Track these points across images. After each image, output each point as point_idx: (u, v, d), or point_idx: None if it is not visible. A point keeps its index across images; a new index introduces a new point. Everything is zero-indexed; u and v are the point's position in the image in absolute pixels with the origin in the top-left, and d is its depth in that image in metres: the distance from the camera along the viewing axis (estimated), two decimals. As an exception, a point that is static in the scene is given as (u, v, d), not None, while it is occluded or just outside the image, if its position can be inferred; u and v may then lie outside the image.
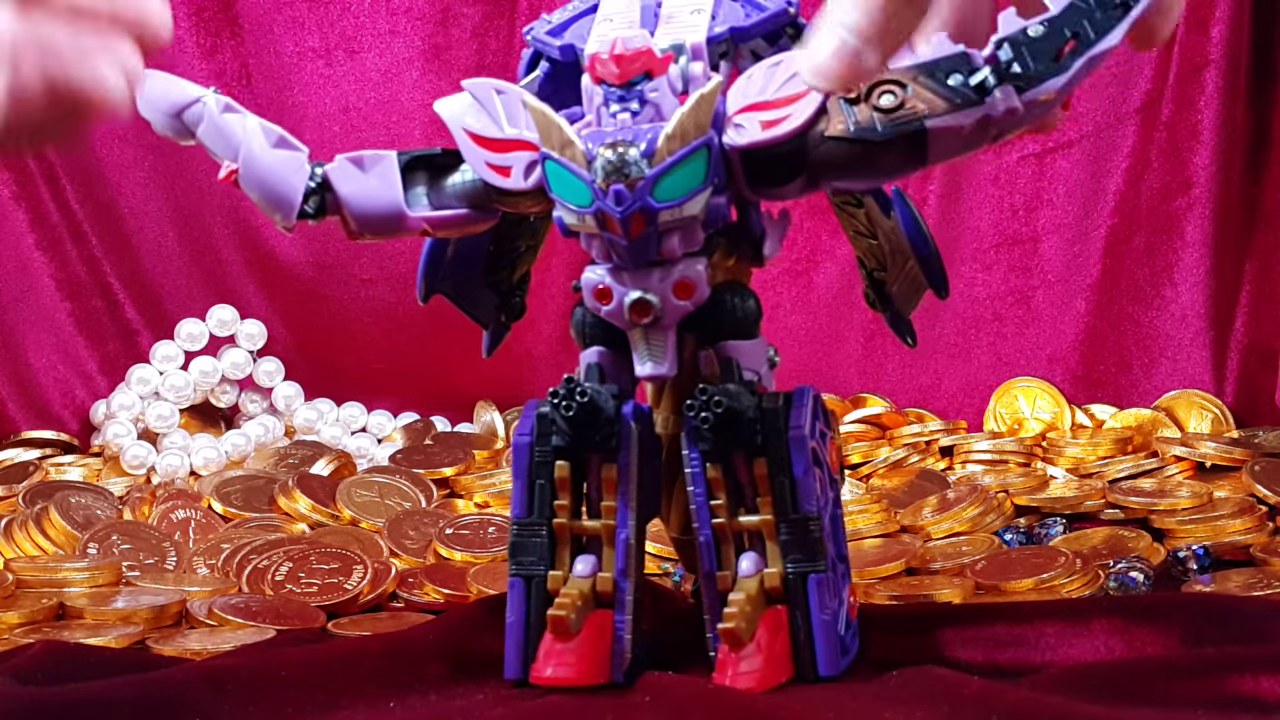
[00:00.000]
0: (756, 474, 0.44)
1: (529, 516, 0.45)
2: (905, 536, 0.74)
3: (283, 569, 0.67)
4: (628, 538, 0.45)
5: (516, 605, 0.45)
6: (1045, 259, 1.04)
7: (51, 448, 1.02)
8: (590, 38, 0.46)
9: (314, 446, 0.97)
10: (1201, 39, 0.97)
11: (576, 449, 0.45)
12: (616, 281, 0.44)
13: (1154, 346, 1.00)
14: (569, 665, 0.43)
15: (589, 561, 0.45)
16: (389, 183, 0.46)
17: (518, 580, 0.45)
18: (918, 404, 1.04)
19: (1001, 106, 0.40)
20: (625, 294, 0.44)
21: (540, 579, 0.45)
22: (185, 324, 1.02)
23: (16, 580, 0.66)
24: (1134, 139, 1.01)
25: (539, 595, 0.45)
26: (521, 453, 0.45)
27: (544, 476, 0.45)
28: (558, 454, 0.45)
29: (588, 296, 0.45)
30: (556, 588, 0.44)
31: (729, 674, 0.43)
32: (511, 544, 0.45)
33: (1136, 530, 0.72)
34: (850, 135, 0.41)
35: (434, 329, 1.04)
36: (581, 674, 0.43)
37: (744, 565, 0.44)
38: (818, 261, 1.10)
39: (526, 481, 0.45)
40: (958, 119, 0.40)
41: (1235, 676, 0.41)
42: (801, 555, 0.44)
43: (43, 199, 1.07)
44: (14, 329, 1.06)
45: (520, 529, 0.45)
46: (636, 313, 0.44)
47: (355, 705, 0.44)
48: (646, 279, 0.44)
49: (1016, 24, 0.40)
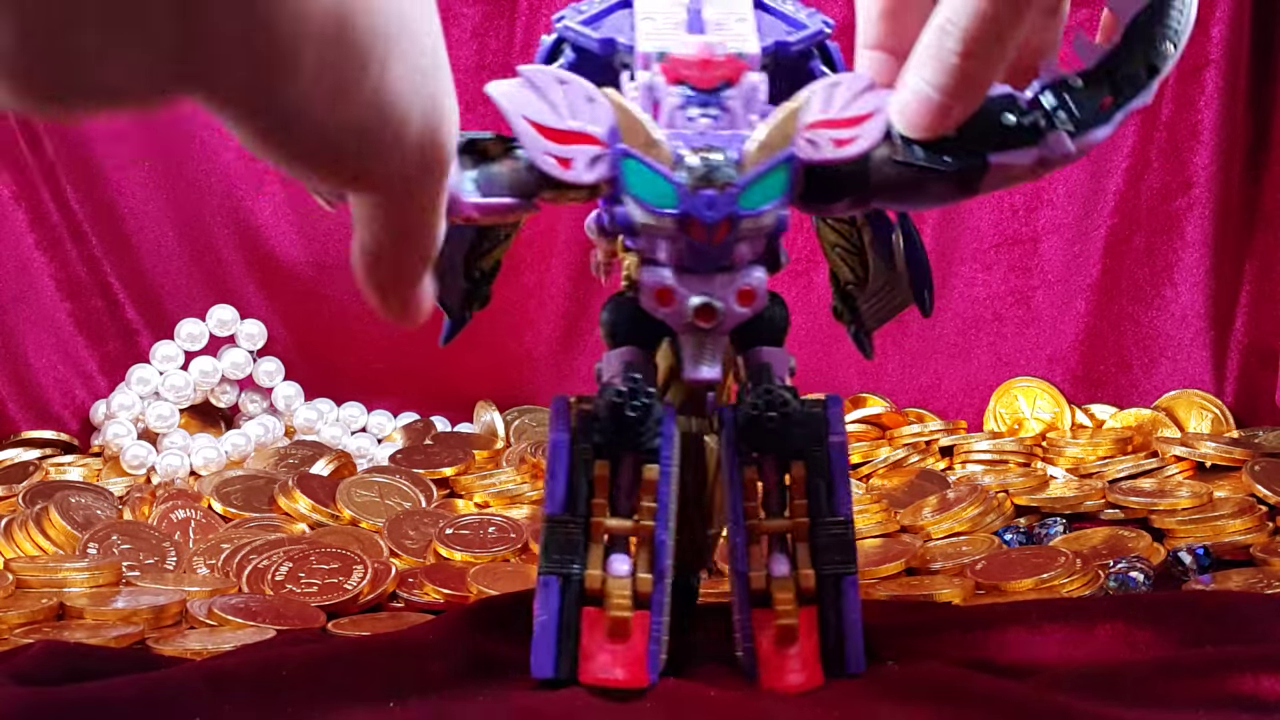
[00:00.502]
0: (794, 476, 0.45)
1: (565, 514, 0.44)
2: (905, 536, 0.74)
3: (283, 569, 0.67)
4: (666, 539, 0.45)
5: (550, 603, 0.44)
6: (1045, 259, 1.05)
7: (51, 448, 1.02)
8: (641, 36, 0.45)
9: (314, 446, 0.97)
10: (1201, 39, 0.97)
11: (617, 448, 0.44)
12: (681, 284, 0.44)
13: (1154, 346, 1.00)
14: (626, 667, 0.43)
15: (626, 561, 0.44)
16: None
17: (553, 578, 0.44)
18: (918, 404, 1.04)
19: (1059, 149, 0.42)
20: (690, 298, 0.44)
21: (576, 577, 0.44)
22: (185, 324, 1.02)
23: (16, 580, 0.66)
24: (1134, 139, 1.01)
25: (574, 593, 0.44)
26: (561, 449, 0.44)
27: (584, 474, 0.44)
28: (597, 452, 0.44)
29: (646, 297, 0.44)
30: (595, 587, 0.44)
31: (783, 673, 0.44)
32: (546, 541, 0.44)
33: (1136, 530, 0.72)
34: (918, 162, 0.43)
35: (434, 329, 1.04)
36: (637, 676, 0.43)
37: (778, 567, 0.45)
38: (818, 261, 1.10)
39: (566, 478, 0.44)
40: (1017, 157, 0.42)
41: (1235, 676, 0.41)
42: (838, 557, 0.45)
43: (43, 199, 1.07)
44: (14, 329, 1.06)
45: (555, 526, 0.44)
46: (703, 317, 0.44)
47: (355, 705, 0.44)
48: (710, 284, 0.44)
49: (1055, 73, 0.43)
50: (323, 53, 0.26)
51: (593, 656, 0.43)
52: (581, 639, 0.44)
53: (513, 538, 0.73)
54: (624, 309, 0.47)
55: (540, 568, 0.44)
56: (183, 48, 0.24)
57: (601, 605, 0.44)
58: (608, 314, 0.47)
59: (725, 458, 0.46)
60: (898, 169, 0.43)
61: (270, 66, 0.25)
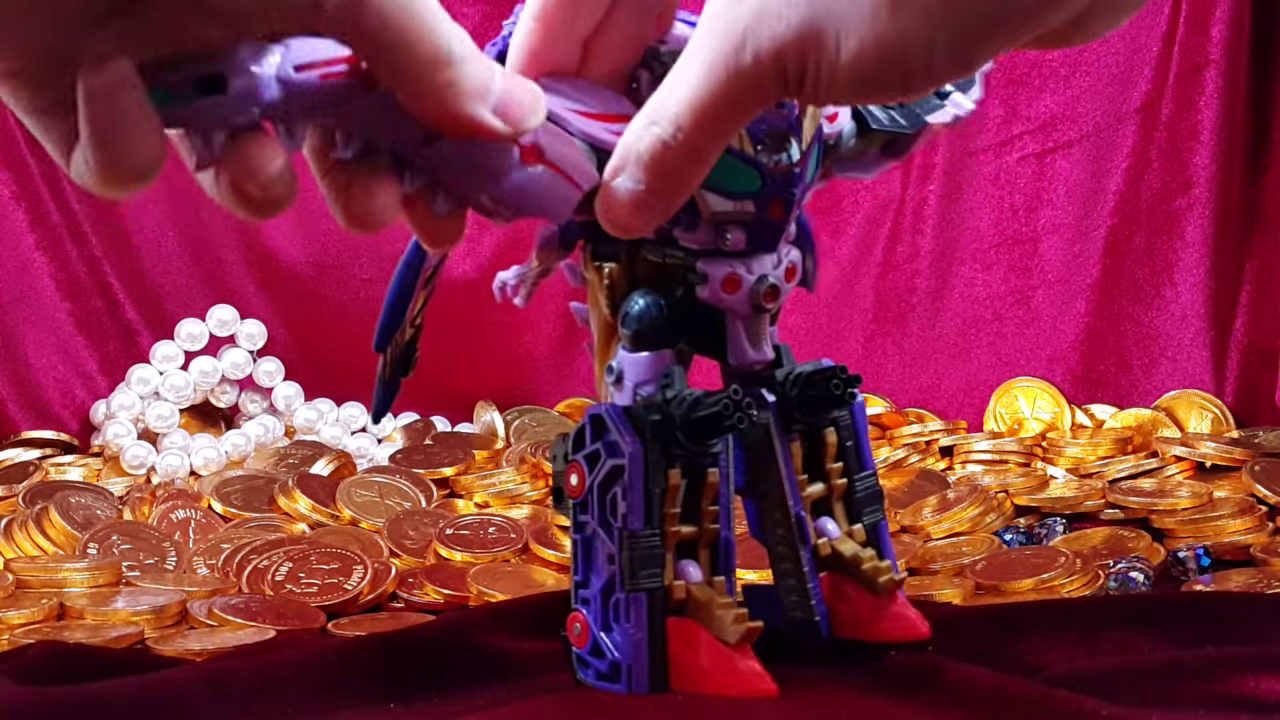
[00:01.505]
0: (828, 443, 0.47)
1: (647, 528, 0.43)
2: (905, 536, 0.74)
3: (283, 569, 0.67)
4: (731, 538, 0.45)
5: (643, 621, 0.43)
6: (1045, 259, 1.05)
7: (51, 448, 1.02)
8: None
9: (314, 446, 0.97)
10: (1201, 39, 0.97)
11: (690, 456, 0.44)
12: (744, 268, 0.44)
13: (1154, 346, 1.00)
14: (760, 674, 0.43)
15: (696, 566, 0.44)
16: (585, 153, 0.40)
17: (642, 596, 0.43)
18: (918, 404, 1.04)
19: (963, 108, 0.47)
20: (753, 280, 0.44)
21: (662, 590, 0.44)
22: (185, 324, 1.02)
23: (16, 580, 0.66)
24: (1134, 139, 1.01)
25: (660, 607, 0.44)
26: (636, 463, 0.43)
27: (659, 485, 0.43)
28: (668, 462, 0.44)
29: (714, 288, 0.44)
30: (683, 597, 0.44)
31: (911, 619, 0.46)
32: (632, 558, 0.43)
33: (1136, 530, 0.72)
34: (884, 127, 0.45)
35: (434, 329, 1.04)
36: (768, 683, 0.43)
37: (831, 528, 0.47)
38: (818, 261, 1.10)
39: (645, 492, 0.43)
40: (939, 116, 0.46)
41: (1235, 676, 0.41)
42: (874, 506, 0.49)
43: (43, 199, 1.07)
44: (14, 329, 1.06)
45: (638, 541, 0.43)
46: (769, 297, 0.45)
47: (355, 705, 0.44)
48: (765, 264, 0.45)
49: None
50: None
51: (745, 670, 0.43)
52: (677, 651, 0.43)
53: (513, 538, 0.73)
54: (658, 309, 0.45)
55: (627, 585, 0.43)
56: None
57: (684, 614, 0.44)
58: (641, 312, 0.45)
59: (776, 437, 0.46)
60: (861, 142, 0.46)
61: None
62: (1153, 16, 1.00)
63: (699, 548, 0.45)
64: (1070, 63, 1.04)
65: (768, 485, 0.47)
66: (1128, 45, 1.01)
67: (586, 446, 0.44)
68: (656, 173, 0.33)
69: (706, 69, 0.32)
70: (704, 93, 0.32)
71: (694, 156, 0.33)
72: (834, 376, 0.46)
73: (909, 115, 0.46)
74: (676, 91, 0.32)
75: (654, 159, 0.33)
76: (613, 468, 0.43)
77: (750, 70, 0.31)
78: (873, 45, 0.30)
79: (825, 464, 0.48)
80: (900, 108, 0.46)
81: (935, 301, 1.07)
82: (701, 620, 0.43)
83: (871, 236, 1.09)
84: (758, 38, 0.31)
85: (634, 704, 0.42)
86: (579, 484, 0.45)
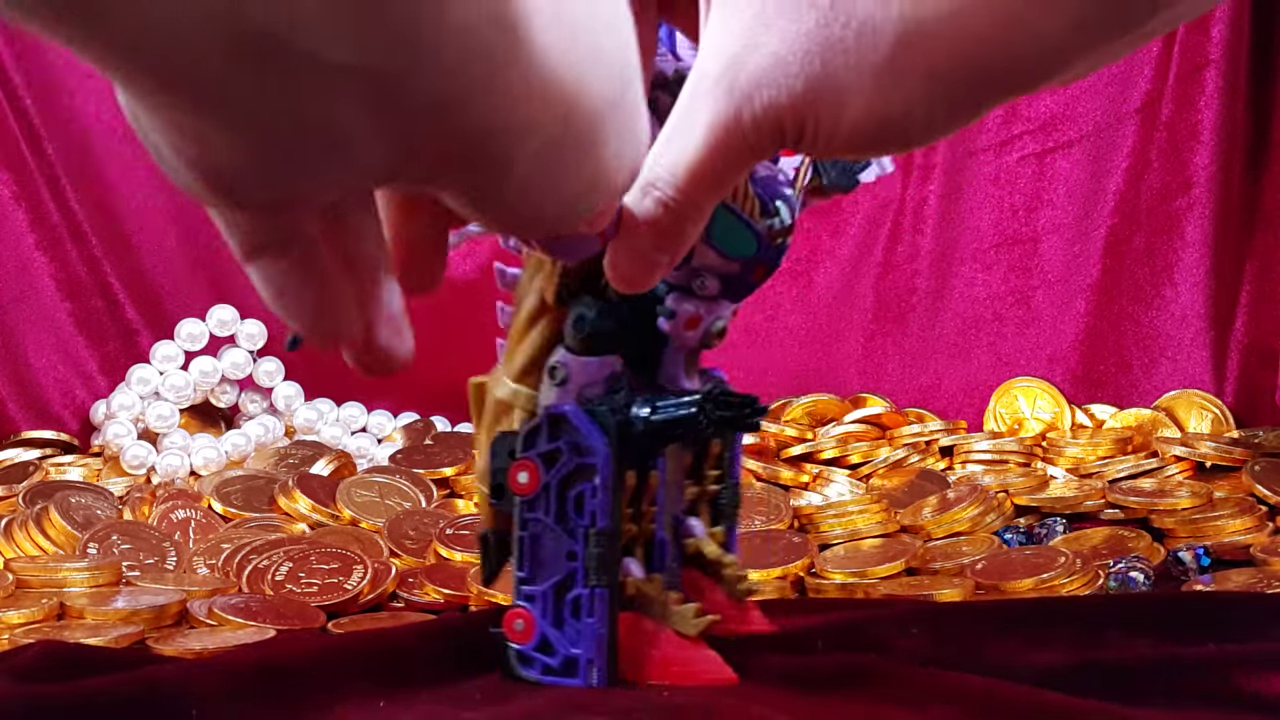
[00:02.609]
0: (711, 452, 0.50)
1: (613, 526, 0.45)
2: (905, 536, 0.74)
3: (283, 569, 0.67)
4: (666, 537, 0.47)
5: (605, 615, 0.44)
6: (1045, 259, 1.05)
7: (51, 448, 1.02)
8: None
9: (314, 446, 0.97)
10: (1201, 39, 0.97)
11: (644, 458, 0.45)
12: (708, 311, 0.46)
13: (1154, 346, 1.01)
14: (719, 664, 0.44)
15: (638, 564, 0.46)
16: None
17: (607, 591, 0.44)
18: (918, 404, 1.04)
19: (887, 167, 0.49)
20: (714, 321, 0.46)
21: (619, 586, 0.45)
22: (185, 324, 1.02)
23: (16, 580, 0.66)
24: (1134, 139, 1.01)
25: (616, 603, 0.45)
26: (607, 464, 0.44)
27: (620, 486, 0.45)
28: (625, 464, 0.45)
29: (678, 325, 0.46)
30: (631, 593, 0.45)
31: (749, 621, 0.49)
32: (599, 556, 0.44)
33: (1136, 530, 0.72)
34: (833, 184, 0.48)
35: (434, 329, 1.04)
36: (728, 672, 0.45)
37: (697, 528, 0.49)
38: (818, 261, 1.10)
39: (613, 493, 0.44)
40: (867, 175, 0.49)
41: (1235, 675, 0.41)
42: (733, 511, 0.51)
43: (43, 199, 1.07)
44: (14, 329, 1.06)
45: (605, 538, 0.44)
46: (718, 338, 0.47)
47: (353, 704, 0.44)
48: (724, 309, 0.47)
49: None
50: (543, 150, 0.26)
51: (699, 660, 0.44)
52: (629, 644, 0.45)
53: (513, 538, 0.73)
54: (613, 316, 0.46)
55: (592, 582, 0.44)
56: (395, 165, 0.24)
57: (633, 609, 0.45)
58: (596, 318, 0.46)
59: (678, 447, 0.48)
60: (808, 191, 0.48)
61: (488, 168, 0.25)
62: (1153, 16, 1.00)
63: (636, 546, 0.46)
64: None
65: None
66: (1128, 45, 1.01)
67: (541, 445, 0.45)
68: (660, 234, 0.34)
69: (705, 131, 0.32)
70: (703, 155, 0.32)
71: (694, 215, 0.34)
72: (748, 405, 0.47)
73: (847, 175, 0.49)
74: (671, 154, 0.33)
75: (657, 222, 0.34)
76: (578, 466, 0.44)
77: (751, 134, 0.32)
78: (874, 110, 0.30)
79: (705, 469, 0.50)
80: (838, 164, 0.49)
81: (935, 301, 1.07)
82: (655, 615, 0.45)
83: (871, 236, 1.09)
84: (758, 103, 0.31)
85: (629, 699, 0.42)
86: (530, 481, 0.45)
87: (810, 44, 0.30)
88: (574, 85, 0.25)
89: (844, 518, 0.76)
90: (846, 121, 0.30)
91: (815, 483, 0.88)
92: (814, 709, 0.42)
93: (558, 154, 0.26)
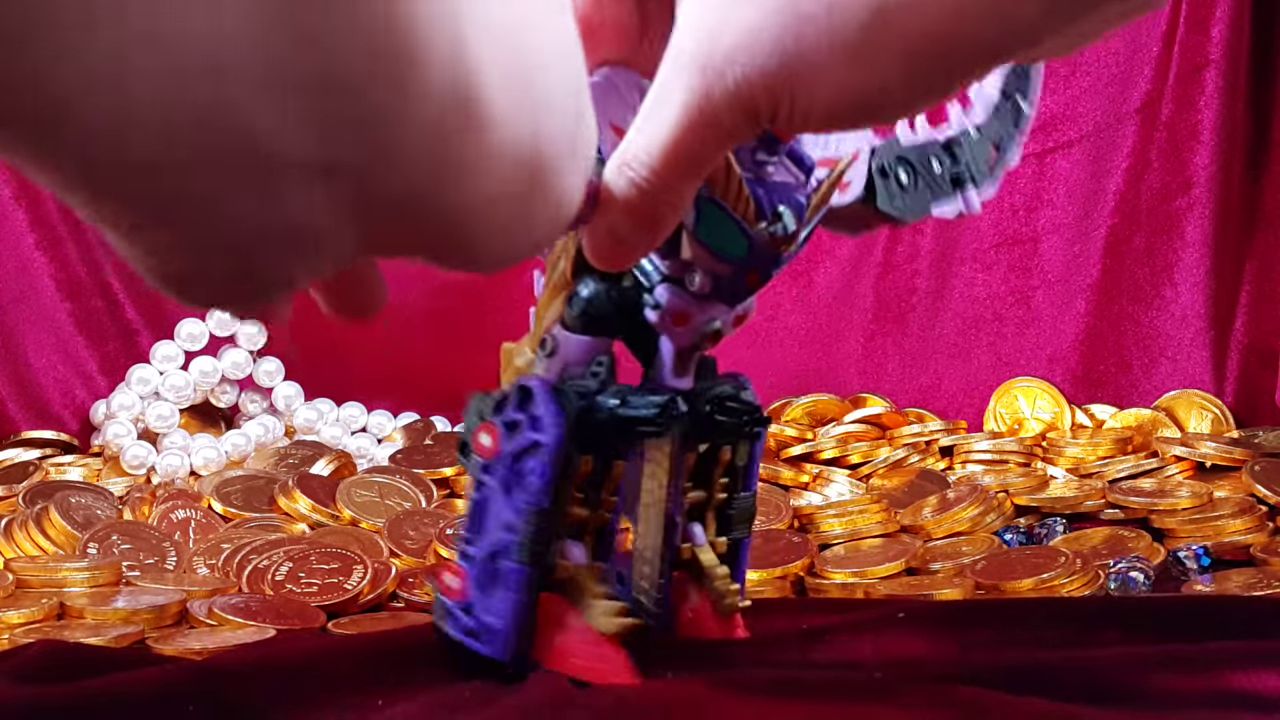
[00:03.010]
0: (721, 459, 0.49)
1: (552, 506, 0.44)
2: (905, 536, 0.74)
3: (283, 569, 0.67)
4: (615, 527, 0.47)
5: (525, 592, 0.44)
6: (1045, 259, 1.05)
7: (51, 448, 1.02)
8: None
9: (314, 446, 0.97)
10: (1201, 39, 0.97)
11: (612, 445, 0.45)
12: (699, 309, 0.45)
13: (1154, 346, 1.01)
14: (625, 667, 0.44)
15: (582, 549, 0.45)
16: None
17: (533, 570, 0.44)
18: (918, 404, 1.04)
19: (971, 207, 0.48)
20: (706, 323, 0.45)
21: (548, 567, 0.45)
22: (185, 324, 1.02)
23: (16, 580, 0.66)
24: (1134, 139, 1.01)
25: (540, 582, 0.45)
26: (558, 444, 0.44)
27: (570, 469, 0.44)
28: (583, 449, 0.45)
29: (665, 316, 0.45)
30: (564, 576, 0.45)
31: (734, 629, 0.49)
32: (531, 534, 0.44)
33: (1136, 530, 0.72)
34: (892, 213, 0.47)
35: (434, 329, 1.04)
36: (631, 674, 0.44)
37: (699, 535, 0.49)
38: (818, 261, 1.10)
39: (555, 474, 0.44)
40: (945, 208, 0.48)
41: (1235, 675, 0.41)
42: (744, 523, 0.50)
43: (43, 199, 1.07)
44: (14, 329, 1.06)
45: (541, 516, 0.44)
46: (711, 340, 0.46)
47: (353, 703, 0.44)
48: (718, 310, 0.45)
49: (960, 123, 0.48)
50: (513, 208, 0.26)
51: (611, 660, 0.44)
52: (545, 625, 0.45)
53: (513, 538, 0.73)
54: (607, 298, 0.46)
55: (519, 557, 0.44)
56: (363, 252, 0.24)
57: (561, 591, 0.45)
58: (591, 296, 0.46)
59: (678, 445, 0.47)
60: (864, 209, 0.47)
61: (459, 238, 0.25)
62: (1153, 16, 1.00)
63: (586, 532, 0.46)
64: (1070, 63, 1.04)
65: (652, 483, 0.48)
66: (1128, 45, 1.01)
67: (507, 412, 0.45)
68: (633, 214, 0.34)
69: (677, 111, 0.32)
70: (675, 136, 0.32)
71: (668, 198, 0.33)
72: (747, 413, 0.47)
73: (917, 203, 0.48)
74: (645, 134, 0.33)
75: (629, 202, 0.33)
76: (532, 442, 0.44)
77: (724, 112, 0.31)
78: (848, 87, 0.30)
79: (713, 475, 0.49)
80: (912, 190, 0.47)
81: (935, 301, 1.07)
82: (576, 601, 0.45)
83: (871, 237, 1.09)
84: (730, 79, 0.31)
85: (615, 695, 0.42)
86: (491, 445, 0.45)
87: (783, 20, 0.29)
88: (533, 139, 0.25)
89: (844, 518, 0.76)
90: (821, 99, 0.30)
91: (815, 483, 0.88)
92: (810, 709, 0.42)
93: (527, 208, 0.26)
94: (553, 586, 0.45)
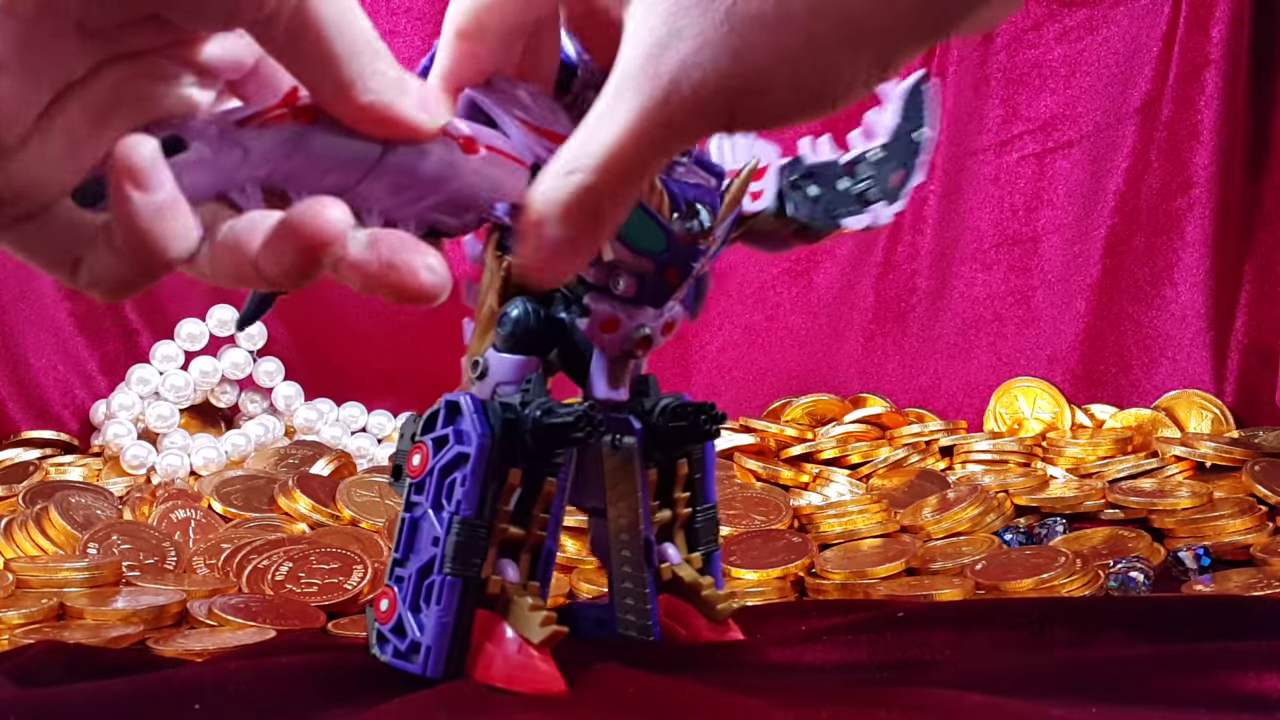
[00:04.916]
0: (679, 474, 0.49)
1: (477, 517, 0.44)
2: (905, 536, 0.74)
3: (283, 569, 0.67)
4: (554, 549, 0.46)
5: (453, 606, 0.44)
6: (1045, 259, 1.05)
7: (51, 448, 1.02)
8: None
9: (314, 446, 0.97)
10: (1201, 39, 0.97)
11: (539, 459, 0.45)
12: (626, 315, 0.45)
13: (1154, 346, 1.01)
14: (554, 676, 0.44)
15: (515, 568, 0.45)
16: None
17: (458, 580, 0.44)
18: (918, 404, 1.04)
19: (881, 219, 0.49)
20: (634, 329, 0.46)
21: (479, 580, 0.44)
22: (185, 324, 1.02)
23: (16, 580, 0.66)
24: (1134, 139, 1.01)
25: (473, 596, 0.44)
26: (483, 453, 0.44)
27: (499, 479, 0.44)
28: (511, 461, 0.45)
29: (593, 325, 0.45)
30: (496, 592, 0.45)
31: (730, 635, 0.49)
32: (457, 544, 0.44)
33: (1136, 530, 0.72)
34: (801, 218, 0.48)
35: (434, 329, 1.04)
36: (559, 683, 0.44)
37: (672, 554, 0.49)
38: (818, 261, 1.10)
39: (483, 482, 0.44)
40: (855, 221, 0.49)
41: (1235, 675, 0.41)
42: (712, 537, 0.51)
43: (43, 199, 1.07)
44: (14, 329, 1.06)
45: (465, 528, 0.44)
46: (642, 346, 0.46)
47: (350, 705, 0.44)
48: (646, 316, 0.46)
49: (862, 144, 0.50)
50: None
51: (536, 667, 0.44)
52: (479, 641, 0.44)
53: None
54: (536, 318, 0.46)
55: (446, 568, 0.44)
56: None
57: (494, 609, 0.44)
58: (519, 317, 0.46)
59: (638, 463, 0.48)
60: (776, 223, 0.48)
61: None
62: (1153, 16, 1.00)
63: (521, 550, 0.45)
64: (1070, 63, 1.04)
65: (620, 507, 0.49)
66: (1128, 45, 1.01)
67: (436, 430, 0.45)
68: (580, 218, 0.34)
69: (632, 115, 0.32)
70: (629, 140, 0.32)
71: (617, 200, 0.34)
72: (703, 412, 0.48)
73: (826, 214, 0.49)
74: (598, 139, 0.33)
75: (578, 205, 0.34)
76: (458, 454, 0.44)
77: (678, 117, 0.32)
78: (798, 83, 0.31)
79: (674, 492, 0.49)
80: (822, 203, 0.49)
81: (935, 301, 1.07)
82: (508, 617, 0.44)
83: (871, 236, 1.09)
84: (686, 87, 0.31)
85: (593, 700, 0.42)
86: (420, 465, 0.45)
87: (731, 23, 0.30)
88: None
89: (844, 518, 0.76)
90: (772, 97, 0.31)
91: (815, 483, 0.88)
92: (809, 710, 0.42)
93: None
94: (487, 604, 0.45)
